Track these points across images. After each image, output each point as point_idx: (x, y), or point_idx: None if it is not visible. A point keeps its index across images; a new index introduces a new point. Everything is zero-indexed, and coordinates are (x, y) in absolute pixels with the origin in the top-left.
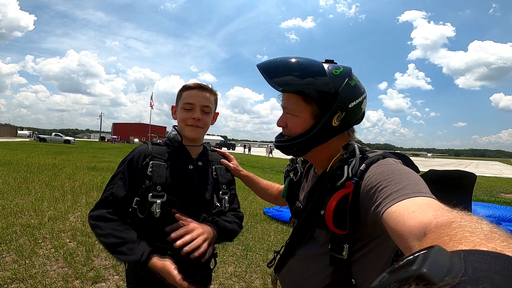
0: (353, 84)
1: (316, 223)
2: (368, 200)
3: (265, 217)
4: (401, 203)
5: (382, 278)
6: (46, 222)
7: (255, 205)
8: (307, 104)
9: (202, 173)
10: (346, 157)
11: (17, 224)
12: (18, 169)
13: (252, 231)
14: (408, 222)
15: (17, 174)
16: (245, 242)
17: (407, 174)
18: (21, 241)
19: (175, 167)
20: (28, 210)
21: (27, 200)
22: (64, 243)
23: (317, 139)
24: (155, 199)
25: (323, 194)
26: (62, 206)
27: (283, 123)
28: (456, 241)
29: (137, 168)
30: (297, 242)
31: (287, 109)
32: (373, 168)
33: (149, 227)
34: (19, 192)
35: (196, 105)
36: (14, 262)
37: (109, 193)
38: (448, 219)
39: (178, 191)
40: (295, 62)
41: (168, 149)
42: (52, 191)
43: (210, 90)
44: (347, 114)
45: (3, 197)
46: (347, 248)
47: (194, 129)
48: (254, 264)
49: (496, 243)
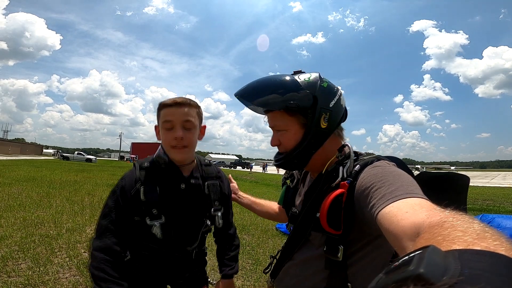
0: (325, 85)
1: (311, 226)
2: (363, 200)
3: (277, 232)
4: (394, 204)
5: (379, 279)
6: (64, 233)
7: (268, 221)
8: (292, 117)
9: (195, 191)
10: (341, 159)
11: (36, 234)
12: (42, 185)
13: (263, 246)
14: (402, 223)
15: (40, 189)
16: (255, 257)
17: (400, 176)
18: (38, 250)
19: (166, 188)
20: (48, 222)
21: (47, 212)
22: (79, 253)
23: (313, 145)
24: (153, 222)
25: (318, 195)
26: (80, 219)
27: (276, 141)
28: (449, 240)
29: (128, 197)
30: (293, 246)
31: (275, 127)
32: (367, 170)
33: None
34: (41, 206)
35: (175, 122)
36: (29, 269)
37: (109, 221)
38: (440, 219)
39: (172, 212)
40: (269, 81)
41: (156, 170)
42: (72, 205)
43: (189, 104)
44: (331, 114)
45: (25, 209)
46: (342, 250)
47: (180, 150)
48: (263, 278)
49: (488, 242)
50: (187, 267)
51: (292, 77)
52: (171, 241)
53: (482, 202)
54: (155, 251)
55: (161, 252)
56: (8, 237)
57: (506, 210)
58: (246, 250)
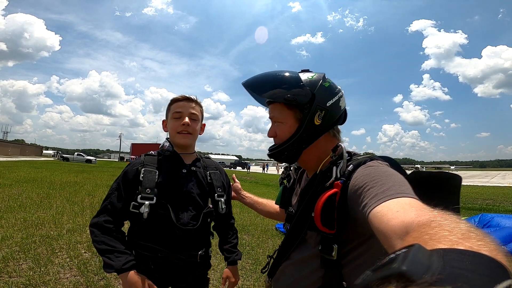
0: (327, 85)
1: (307, 225)
2: (355, 200)
3: (277, 232)
4: (385, 203)
5: (366, 275)
6: (64, 233)
7: (267, 221)
8: (290, 110)
9: (196, 177)
10: (335, 159)
11: (37, 235)
12: (42, 186)
13: (263, 246)
14: (392, 222)
15: (41, 190)
16: (255, 257)
17: (392, 176)
18: (39, 250)
19: (167, 172)
20: (48, 223)
21: (48, 213)
22: (79, 253)
23: (303, 140)
24: (143, 201)
25: (313, 195)
26: (80, 220)
27: (273, 133)
28: (435, 239)
29: (130, 178)
30: (290, 246)
31: (274, 118)
32: (360, 170)
33: (140, 228)
34: (41, 207)
35: (184, 113)
36: (30, 269)
37: (108, 202)
38: (429, 218)
39: (170, 194)
40: (274, 75)
41: (160, 157)
42: (72, 206)
43: (196, 101)
44: (327, 113)
45: (26, 210)
46: (336, 249)
47: (185, 136)
48: (263, 278)
49: (472, 242)
50: (191, 270)
51: (296, 73)
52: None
53: (482, 201)
54: (157, 252)
55: (165, 254)
56: (9, 238)
57: (506, 210)
58: (246, 250)
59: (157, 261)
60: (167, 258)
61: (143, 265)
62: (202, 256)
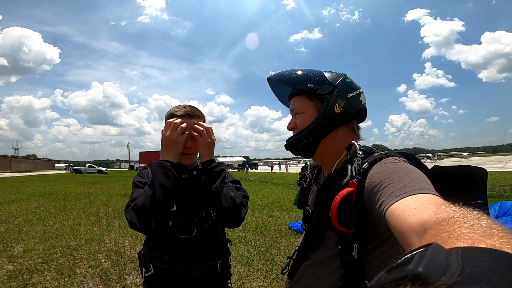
0: (348, 81)
1: (325, 225)
2: (372, 198)
3: (291, 231)
4: (403, 200)
5: (380, 276)
6: (83, 244)
7: (280, 220)
8: (311, 101)
9: (197, 180)
10: (350, 157)
11: (57, 246)
12: (57, 198)
13: (277, 246)
14: (410, 219)
15: (57, 203)
16: (270, 257)
17: (409, 171)
18: (61, 261)
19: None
20: (67, 234)
21: (66, 225)
22: (100, 263)
23: (323, 126)
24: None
25: (329, 195)
26: (97, 230)
27: (293, 125)
28: (454, 238)
29: (146, 177)
30: (309, 246)
31: (295, 109)
32: (376, 167)
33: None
34: (59, 218)
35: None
36: (55, 280)
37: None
38: (447, 215)
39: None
40: (298, 70)
41: None
42: (88, 216)
43: (197, 116)
44: (348, 103)
45: (44, 222)
46: (356, 248)
47: (187, 157)
48: (280, 278)
49: (495, 239)
50: (212, 282)
51: (320, 71)
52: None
53: (499, 188)
54: (174, 264)
55: (183, 267)
56: (31, 250)
57: None
58: (261, 251)
59: (176, 275)
60: (186, 271)
61: (163, 279)
62: (222, 265)
